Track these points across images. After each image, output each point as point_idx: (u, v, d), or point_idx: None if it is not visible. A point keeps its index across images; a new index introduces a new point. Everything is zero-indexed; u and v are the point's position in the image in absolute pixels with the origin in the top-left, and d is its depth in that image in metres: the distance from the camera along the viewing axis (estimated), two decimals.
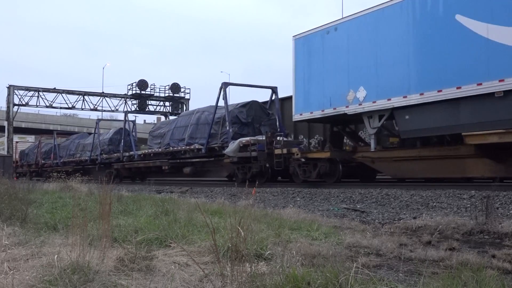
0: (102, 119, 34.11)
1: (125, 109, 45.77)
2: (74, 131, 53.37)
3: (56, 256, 3.81)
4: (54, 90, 43.43)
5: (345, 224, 7.11)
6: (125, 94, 46.12)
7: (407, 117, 12.24)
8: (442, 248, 5.12)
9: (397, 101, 12.36)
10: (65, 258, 3.81)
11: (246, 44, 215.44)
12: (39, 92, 42.93)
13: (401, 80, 12.29)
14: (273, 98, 19.59)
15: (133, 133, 28.64)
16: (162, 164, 22.80)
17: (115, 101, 46.07)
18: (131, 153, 26.42)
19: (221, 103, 19.00)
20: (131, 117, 36.53)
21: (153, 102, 47.26)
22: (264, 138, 16.59)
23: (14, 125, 42.75)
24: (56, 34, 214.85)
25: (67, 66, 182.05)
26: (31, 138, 51.48)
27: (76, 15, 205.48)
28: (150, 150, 24.01)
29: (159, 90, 46.61)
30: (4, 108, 46.13)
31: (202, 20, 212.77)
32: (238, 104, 19.32)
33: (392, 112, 12.62)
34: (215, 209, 8.04)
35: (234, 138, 17.66)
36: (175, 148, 21.62)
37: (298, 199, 12.01)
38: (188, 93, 47.47)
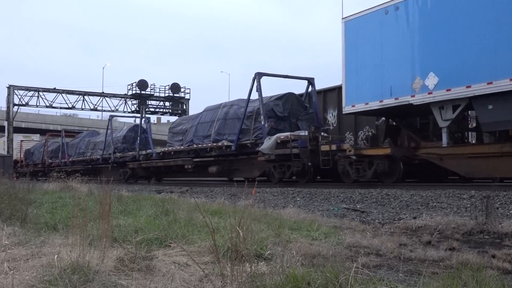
0: (115, 115, 32.34)
1: (125, 109, 45.88)
2: (75, 130, 52.92)
3: (56, 256, 3.81)
4: (54, 90, 43.43)
5: (345, 224, 7.11)
6: (125, 94, 46.12)
7: (490, 107, 10.48)
8: (442, 248, 5.12)
9: (478, 88, 10.50)
10: (65, 258, 3.81)
11: (246, 43, 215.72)
12: (39, 92, 42.94)
13: (486, 63, 10.40)
14: (309, 90, 17.90)
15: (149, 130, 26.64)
16: (185, 163, 20.79)
17: (115, 101, 46.10)
18: (149, 151, 24.45)
19: (254, 96, 17.49)
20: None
21: (153, 102, 47.27)
22: (305, 134, 15.04)
23: (14, 125, 42.74)
24: (56, 34, 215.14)
25: (67, 65, 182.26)
26: (36, 137, 49.41)
27: (76, 14, 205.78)
28: (170, 148, 22.18)
29: (159, 90, 46.62)
30: (4, 108, 46.16)
31: (202, 19, 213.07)
32: (273, 96, 17.67)
33: (471, 101, 10.87)
34: (215, 209, 8.03)
35: (270, 133, 16.19)
36: (200, 146, 19.96)
37: (298, 199, 12.01)
38: (188, 93, 47.48)
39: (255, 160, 17.40)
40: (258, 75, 17.25)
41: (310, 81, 17.95)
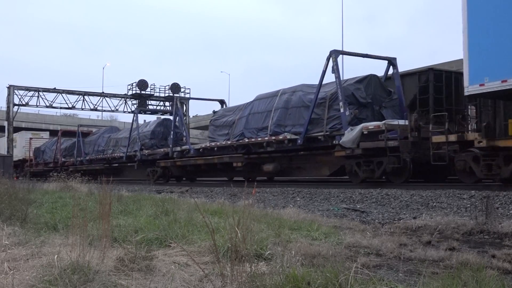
0: (142, 109, 28.17)
1: (125, 109, 45.89)
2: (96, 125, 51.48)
3: (56, 256, 3.81)
4: (54, 90, 43.41)
5: (345, 224, 7.11)
6: (125, 94, 46.10)
7: None
8: (442, 248, 5.12)
9: None
10: (65, 258, 3.81)
11: (246, 43, 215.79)
12: (39, 92, 42.90)
13: None
14: (390, 71, 15.11)
15: (178, 123, 23.63)
16: (233, 160, 17.62)
17: (115, 101, 46.04)
18: (185, 147, 21.43)
19: (328, 79, 14.70)
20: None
21: (153, 102, 47.24)
22: (399, 123, 12.70)
23: (14, 125, 42.72)
24: (56, 33, 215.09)
25: (67, 65, 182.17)
26: (45, 135, 46.55)
27: (76, 14, 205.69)
28: (213, 143, 19.19)
29: (159, 90, 46.62)
30: (4, 108, 46.12)
31: (202, 18, 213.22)
32: (352, 79, 14.94)
33: None
34: (215, 209, 8.04)
35: (351, 124, 13.50)
36: (253, 140, 16.82)
37: (298, 199, 12.01)
38: (188, 93, 47.43)
39: (329, 156, 14.49)
40: (335, 53, 14.37)
41: (392, 62, 15.10)
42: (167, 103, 47.33)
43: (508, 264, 4.28)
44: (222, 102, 23.50)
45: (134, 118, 26.37)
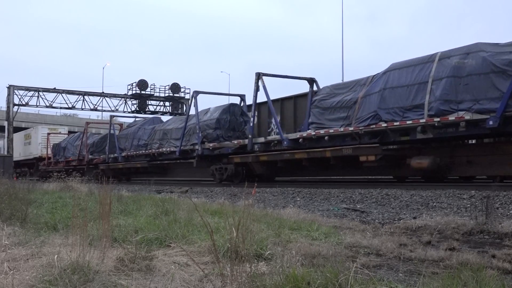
0: (200, 92, 20.07)
1: (125, 109, 45.93)
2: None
3: (56, 256, 3.81)
4: (54, 90, 43.48)
5: (345, 224, 7.11)
6: (125, 94, 46.19)
7: None
8: (442, 248, 5.12)
9: None
10: (65, 258, 3.81)
11: (247, 43, 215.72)
12: (39, 92, 43.00)
13: None
14: None
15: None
16: (361, 153, 12.86)
17: (115, 101, 46.19)
18: (273, 137, 16.45)
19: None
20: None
21: (153, 102, 47.36)
22: None
23: (14, 125, 42.76)
24: (56, 33, 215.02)
25: (67, 65, 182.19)
26: (63, 130, 42.61)
27: (76, 13, 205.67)
28: (322, 131, 14.03)
29: (159, 90, 46.71)
30: (4, 108, 46.14)
31: (203, 18, 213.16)
32: None
33: None
34: (215, 209, 8.04)
35: None
36: (397, 124, 11.80)
37: (298, 199, 12.01)
38: (188, 93, 47.50)
39: None
40: None
41: None
42: (167, 103, 47.41)
43: (508, 264, 4.28)
44: (242, 96, 20.44)
45: (193, 103, 19.89)
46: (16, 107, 42.92)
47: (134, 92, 45.43)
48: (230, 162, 18.14)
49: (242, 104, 20.13)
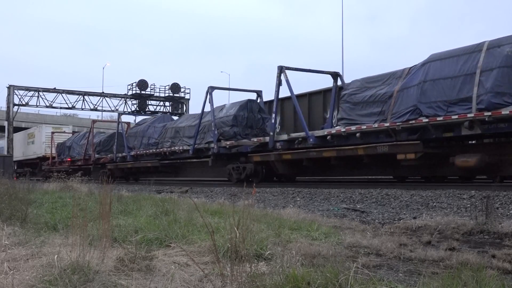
0: (216, 87, 19.60)
1: (125, 109, 45.94)
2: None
3: (56, 256, 3.81)
4: (54, 90, 43.51)
5: (345, 224, 7.11)
6: (125, 94, 46.22)
7: None
8: (442, 248, 5.12)
9: None
10: (65, 258, 3.81)
11: (247, 43, 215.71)
12: (39, 92, 43.03)
13: None
14: None
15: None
16: (399, 151, 11.82)
17: (115, 101, 46.24)
18: (297, 135, 15.36)
19: None
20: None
21: (153, 102, 47.41)
22: None
23: (14, 125, 42.78)
24: (56, 33, 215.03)
25: (67, 65, 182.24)
26: (67, 129, 41.37)
27: (76, 13, 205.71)
28: (353, 128, 13.02)
29: (159, 90, 46.74)
30: (4, 108, 46.16)
31: (202, 18, 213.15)
32: None
33: None
34: (215, 209, 8.04)
35: None
36: (440, 119, 10.95)
37: (298, 199, 12.01)
38: (188, 93, 47.60)
39: None
40: None
41: None
42: (167, 103, 47.42)
43: (508, 264, 4.28)
44: (259, 92, 19.47)
45: (207, 99, 18.84)
46: (16, 107, 42.97)
47: (134, 92, 45.46)
48: (249, 161, 17.06)
49: (258, 101, 19.24)
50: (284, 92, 16.25)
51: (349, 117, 13.47)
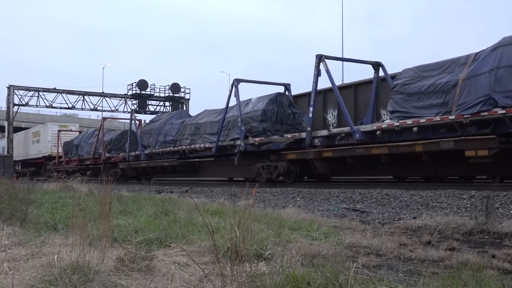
0: (242, 80, 18.12)
1: (125, 109, 45.94)
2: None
3: (56, 256, 3.81)
4: (54, 90, 43.52)
5: (345, 224, 7.11)
6: (125, 94, 46.23)
7: None
8: (442, 248, 5.12)
9: None
10: (65, 258, 3.81)
11: (247, 43, 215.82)
12: (39, 92, 43.04)
13: None
14: None
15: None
16: (468, 147, 10.47)
17: (115, 101, 46.27)
18: (340, 130, 14.05)
19: None
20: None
21: (153, 102, 47.42)
22: None
23: (14, 125, 42.78)
24: (56, 33, 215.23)
25: (67, 65, 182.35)
26: (74, 127, 40.00)
27: (76, 13, 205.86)
28: (409, 121, 11.75)
29: (159, 90, 46.75)
30: (4, 108, 46.16)
31: (203, 17, 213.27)
32: None
33: None
34: (215, 209, 8.04)
35: None
36: None
37: (298, 199, 12.01)
38: (188, 93, 47.62)
39: None
40: None
41: None
42: (167, 103, 47.42)
43: (508, 264, 4.28)
44: (287, 86, 18.18)
45: (233, 93, 17.53)
46: (16, 107, 42.97)
47: (134, 92, 45.48)
48: (281, 159, 15.60)
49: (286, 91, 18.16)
50: (302, 87, 15.69)
51: (403, 109, 12.17)
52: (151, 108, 47.09)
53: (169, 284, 3.46)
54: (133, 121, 25.88)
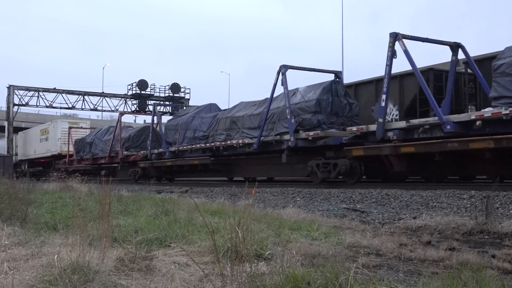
0: (290, 66, 15.75)
1: (125, 109, 45.96)
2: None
3: (56, 256, 3.81)
4: (54, 90, 43.52)
5: (345, 224, 7.11)
6: (125, 94, 46.23)
7: None
8: (442, 248, 5.12)
9: None
10: (65, 258, 3.81)
11: (247, 43, 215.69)
12: (39, 92, 43.04)
13: None
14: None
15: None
16: None
17: (115, 101, 46.26)
18: (417, 122, 11.90)
19: None
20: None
21: (153, 102, 47.36)
22: None
23: (14, 125, 42.79)
24: (56, 33, 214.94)
25: (67, 65, 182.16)
26: (85, 124, 37.74)
27: (76, 13, 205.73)
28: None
29: (159, 90, 46.76)
30: (4, 108, 46.17)
31: (203, 17, 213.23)
32: None
33: None
34: (215, 209, 8.04)
35: None
36: None
37: (298, 199, 12.01)
38: (188, 93, 47.63)
39: None
40: None
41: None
42: (167, 103, 47.43)
43: (508, 264, 4.28)
44: (337, 73, 15.85)
45: (280, 81, 15.33)
46: (16, 107, 42.97)
47: (134, 92, 45.48)
48: (342, 156, 13.49)
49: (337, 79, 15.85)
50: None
51: (505, 93, 10.15)
52: (151, 108, 47.07)
53: (169, 284, 3.46)
54: (156, 116, 23.72)
